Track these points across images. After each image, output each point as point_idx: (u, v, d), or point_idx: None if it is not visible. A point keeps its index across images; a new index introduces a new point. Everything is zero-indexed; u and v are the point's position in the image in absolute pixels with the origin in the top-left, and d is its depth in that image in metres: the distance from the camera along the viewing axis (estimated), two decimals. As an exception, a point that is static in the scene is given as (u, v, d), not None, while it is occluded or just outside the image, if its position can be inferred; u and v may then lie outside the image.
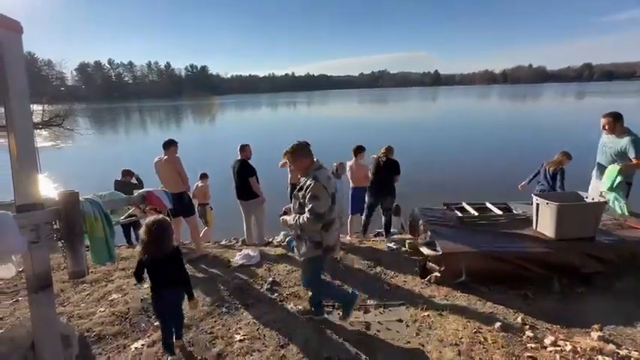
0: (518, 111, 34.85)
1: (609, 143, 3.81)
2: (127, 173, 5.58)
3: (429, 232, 3.65)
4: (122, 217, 2.90)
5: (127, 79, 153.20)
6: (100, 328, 2.81)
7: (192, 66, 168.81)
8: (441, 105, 48.79)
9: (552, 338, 2.37)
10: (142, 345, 2.57)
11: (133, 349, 2.53)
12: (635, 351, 2.24)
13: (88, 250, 2.25)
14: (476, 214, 4.02)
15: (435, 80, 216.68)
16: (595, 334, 2.39)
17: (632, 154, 3.56)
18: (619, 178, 3.62)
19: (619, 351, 2.23)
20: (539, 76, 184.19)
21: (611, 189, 3.69)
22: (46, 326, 1.87)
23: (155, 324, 2.83)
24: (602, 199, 3.43)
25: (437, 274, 3.30)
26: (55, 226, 1.87)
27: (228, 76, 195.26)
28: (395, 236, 4.92)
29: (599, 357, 2.18)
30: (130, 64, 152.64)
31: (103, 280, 3.75)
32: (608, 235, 3.35)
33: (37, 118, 13.09)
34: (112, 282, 3.71)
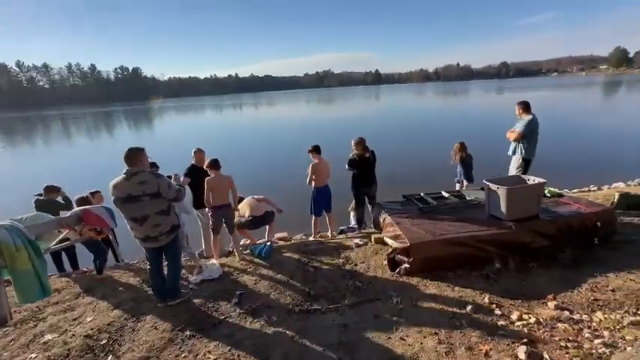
0: (450, 105, 38.32)
1: (516, 124, 4.75)
2: (50, 190, 4.56)
3: (394, 225, 3.71)
4: (53, 243, 2.44)
5: (41, 83, 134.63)
6: (32, 379, 2.32)
7: (122, 68, 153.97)
8: (383, 102, 51.37)
9: (517, 313, 2.53)
10: (91, 391, 2.18)
11: (80, 398, 2.13)
12: (585, 314, 2.49)
13: (9, 287, 1.83)
14: (434, 203, 4.20)
15: (377, 79, 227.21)
16: (551, 304, 2.61)
17: (517, 127, 4.64)
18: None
19: (573, 316, 2.46)
20: (466, 74, 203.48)
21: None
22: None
23: (105, 363, 2.42)
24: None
25: (406, 265, 3.35)
26: (-42, 265, 1.47)
27: (166, 78, 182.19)
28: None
29: (559, 325, 2.37)
30: (45, 66, 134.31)
31: (32, 320, 3.11)
32: (548, 212, 3.72)
33: None
34: (43, 320, 3.09)
